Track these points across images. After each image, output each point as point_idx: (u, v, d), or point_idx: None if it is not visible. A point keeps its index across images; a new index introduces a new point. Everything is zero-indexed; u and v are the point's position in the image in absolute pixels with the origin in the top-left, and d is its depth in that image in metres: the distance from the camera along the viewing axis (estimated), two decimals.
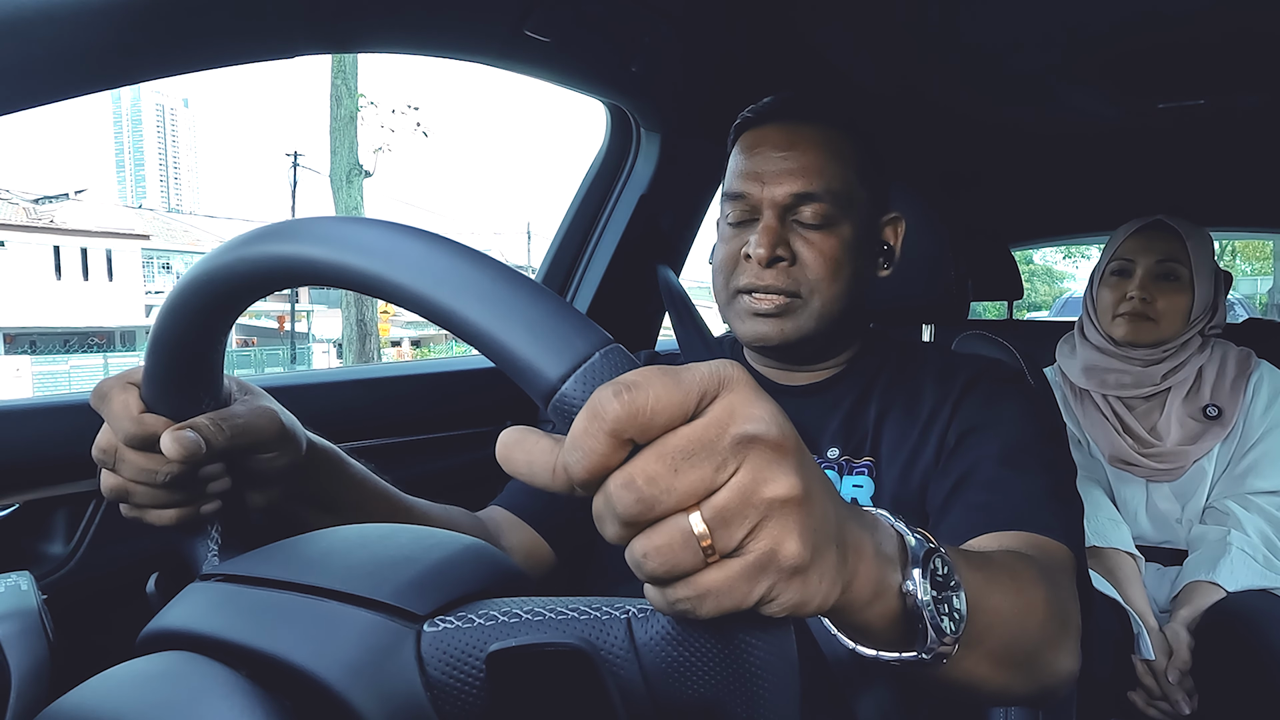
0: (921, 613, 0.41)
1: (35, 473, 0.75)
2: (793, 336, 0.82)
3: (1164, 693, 1.27)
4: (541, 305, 0.32)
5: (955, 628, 0.43)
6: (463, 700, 0.35)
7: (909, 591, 0.40)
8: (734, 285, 0.84)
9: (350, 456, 0.65)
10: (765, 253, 0.80)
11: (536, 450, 0.31)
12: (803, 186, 0.81)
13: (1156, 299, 1.45)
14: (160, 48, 0.61)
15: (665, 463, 0.28)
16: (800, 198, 0.81)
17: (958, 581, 0.44)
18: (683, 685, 0.33)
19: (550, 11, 0.91)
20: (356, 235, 0.36)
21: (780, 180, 0.81)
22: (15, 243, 21.36)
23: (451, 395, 1.17)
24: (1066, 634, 0.57)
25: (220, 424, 0.50)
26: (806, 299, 0.82)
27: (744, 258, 0.82)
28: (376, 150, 11.28)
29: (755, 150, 0.84)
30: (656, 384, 0.29)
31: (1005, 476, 0.73)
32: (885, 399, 0.85)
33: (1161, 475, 1.46)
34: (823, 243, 0.81)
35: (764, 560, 0.29)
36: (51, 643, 0.43)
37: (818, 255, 0.81)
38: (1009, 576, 0.53)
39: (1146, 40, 1.21)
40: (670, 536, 0.29)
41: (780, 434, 0.30)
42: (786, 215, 0.82)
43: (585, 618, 0.35)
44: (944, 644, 0.42)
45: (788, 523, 0.30)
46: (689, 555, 0.29)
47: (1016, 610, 0.51)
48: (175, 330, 0.45)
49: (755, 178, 0.82)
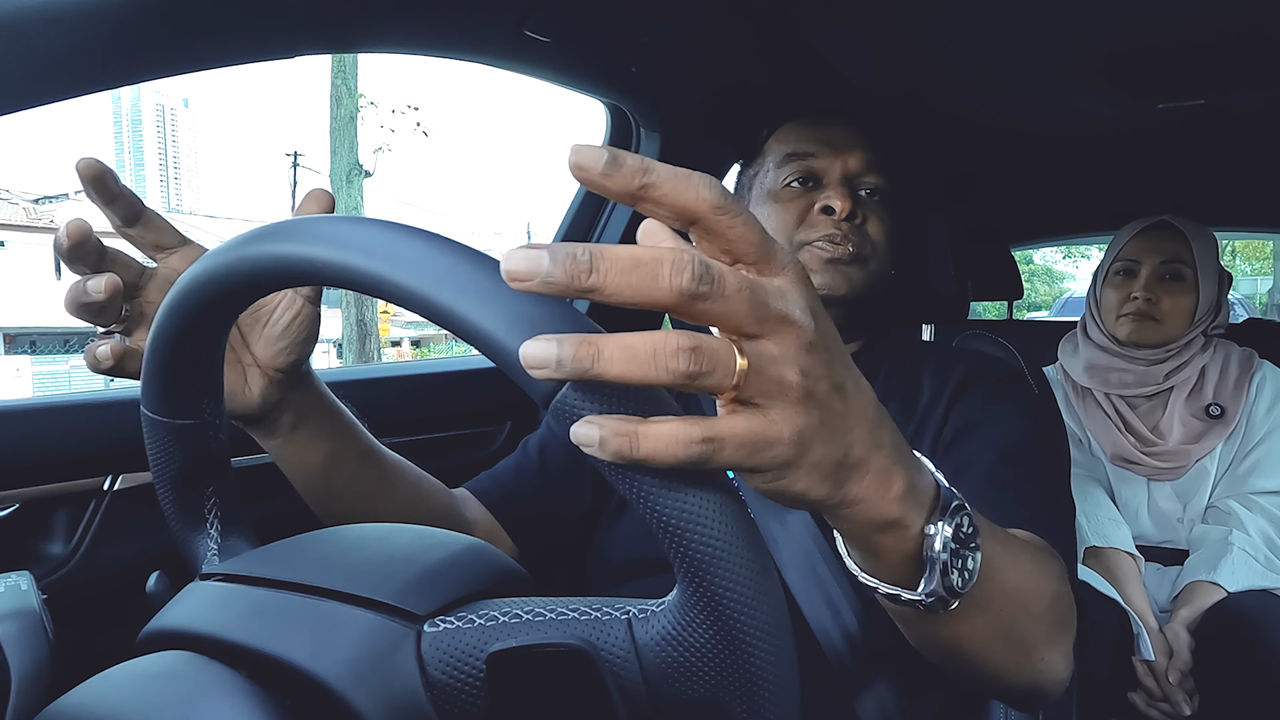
0: (935, 558, 0.41)
1: (35, 473, 0.75)
2: (858, 289, 0.86)
3: (1164, 693, 1.27)
4: (543, 307, 0.32)
5: (962, 584, 0.42)
6: (463, 700, 0.35)
7: (929, 534, 0.40)
8: (800, 239, 0.87)
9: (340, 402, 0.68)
10: (848, 205, 0.85)
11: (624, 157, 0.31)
12: (873, 156, 0.88)
13: (1161, 299, 1.45)
14: (160, 48, 0.61)
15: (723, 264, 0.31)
16: (870, 165, 0.88)
17: (978, 545, 0.43)
18: (683, 685, 0.33)
19: (550, 11, 0.90)
20: (356, 235, 0.36)
21: (852, 149, 0.88)
22: (15, 243, 21.35)
23: (451, 395, 1.17)
24: (1065, 636, 0.57)
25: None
26: (868, 259, 0.87)
27: (819, 211, 0.86)
28: (376, 150, 11.28)
29: (821, 123, 0.91)
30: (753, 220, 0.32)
31: (1005, 477, 0.73)
32: (884, 391, 0.85)
33: (1163, 474, 1.46)
34: (883, 214, 0.88)
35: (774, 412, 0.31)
36: (51, 643, 0.43)
37: (879, 223, 0.88)
38: (1028, 556, 0.53)
39: (1146, 40, 1.21)
40: (718, 344, 0.30)
41: (820, 335, 0.33)
42: (854, 183, 0.88)
43: (586, 618, 0.35)
44: (945, 593, 0.42)
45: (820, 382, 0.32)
46: (724, 368, 0.30)
47: (1025, 593, 0.51)
48: (175, 330, 0.45)
49: (826, 143, 0.89)
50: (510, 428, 1.21)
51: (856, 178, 0.88)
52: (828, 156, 0.88)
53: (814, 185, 0.89)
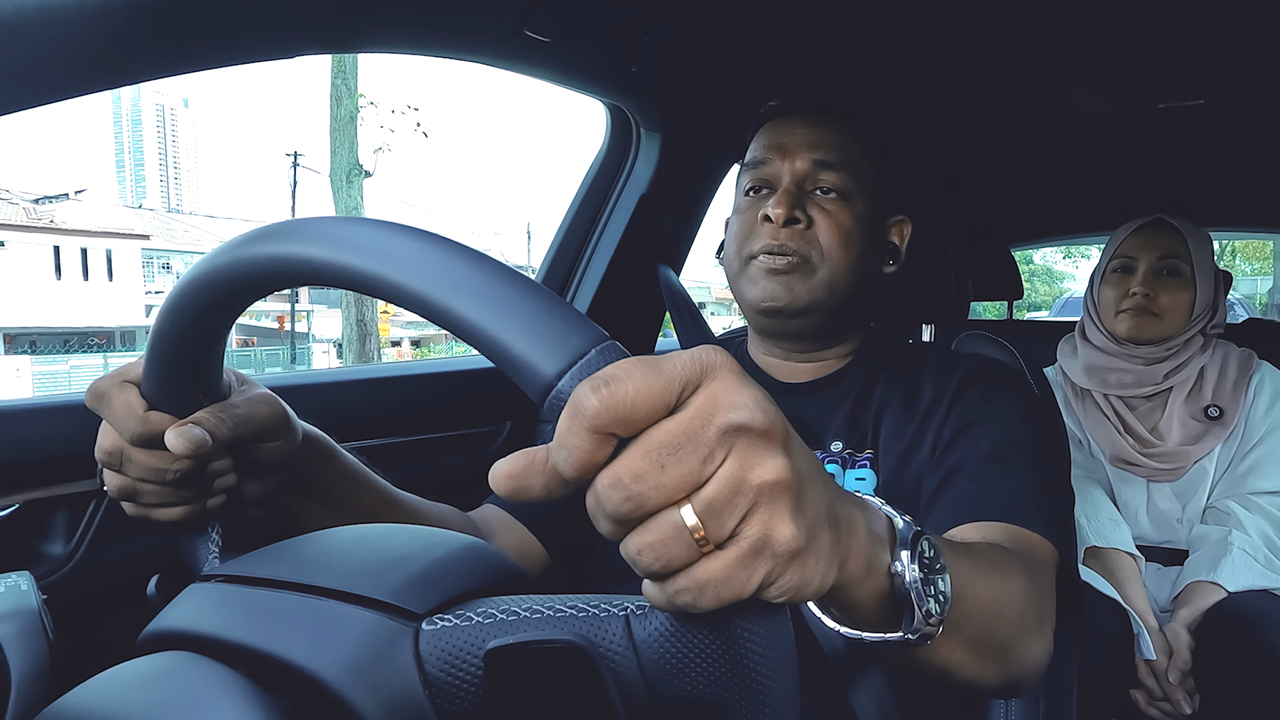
0: (909, 592, 0.41)
1: (35, 473, 0.75)
2: (802, 299, 0.83)
3: (1165, 693, 1.27)
4: (537, 303, 0.32)
5: (940, 609, 0.43)
6: (461, 698, 0.35)
7: (897, 572, 0.41)
8: (747, 250, 0.86)
9: (346, 451, 0.65)
10: (784, 211, 0.83)
11: (521, 463, 0.31)
12: (822, 155, 0.85)
13: (1160, 295, 1.45)
14: (160, 48, 0.61)
15: (651, 459, 0.28)
16: (820, 165, 0.85)
17: (943, 565, 0.44)
18: (681, 682, 0.33)
19: (550, 11, 0.90)
20: (355, 235, 0.36)
21: (801, 151, 0.86)
22: (15, 243, 21.35)
23: (451, 395, 1.17)
24: (1041, 628, 0.58)
25: (222, 416, 0.50)
26: (817, 265, 0.84)
27: (762, 220, 0.84)
28: (376, 150, 11.27)
29: (782, 126, 0.88)
30: (636, 376, 0.28)
31: (993, 470, 0.73)
32: (885, 393, 0.85)
33: (1162, 475, 1.46)
34: (838, 212, 0.85)
35: (759, 545, 0.29)
36: (51, 643, 0.43)
37: (831, 222, 0.84)
38: (991, 567, 0.54)
39: (1146, 40, 1.21)
40: (663, 532, 0.29)
41: (766, 420, 0.30)
42: (804, 185, 0.85)
43: (584, 615, 0.35)
44: (929, 625, 0.42)
45: (779, 507, 0.30)
46: (683, 548, 0.29)
47: (996, 600, 0.52)
48: (176, 330, 0.45)
49: (777, 148, 0.87)
50: (510, 428, 1.21)
51: (807, 178, 0.85)
52: (776, 161, 0.86)
53: (767, 192, 0.87)
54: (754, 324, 0.92)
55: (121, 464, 0.49)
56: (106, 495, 0.77)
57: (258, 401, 0.54)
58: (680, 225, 1.41)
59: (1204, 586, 1.32)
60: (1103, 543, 1.39)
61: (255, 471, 0.57)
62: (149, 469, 0.49)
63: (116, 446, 0.49)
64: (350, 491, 0.64)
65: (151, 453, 0.49)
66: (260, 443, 0.55)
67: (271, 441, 0.55)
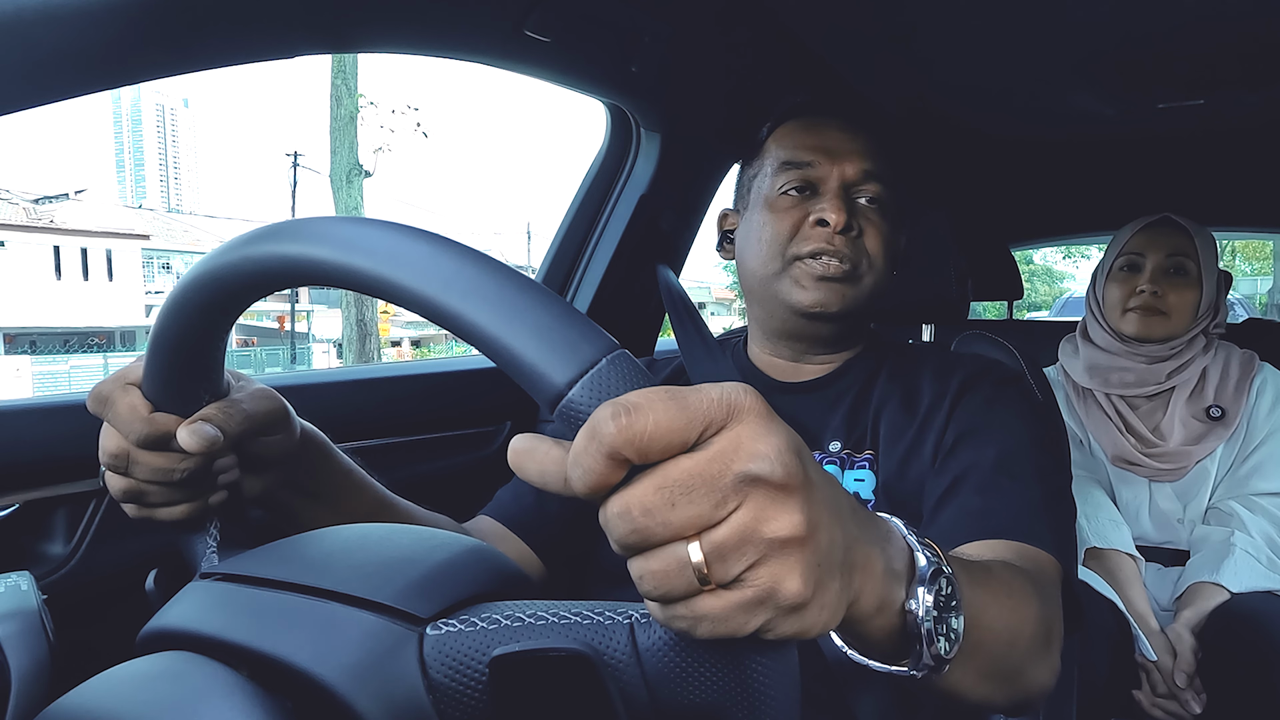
0: (920, 632, 0.40)
1: (35, 473, 0.75)
2: (850, 306, 0.84)
3: (1173, 693, 1.27)
4: (548, 310, 0.32)
5: (949, 649, 0.42)
6: (465, 704, 0.35)
7: (911, 610, 0.40)
8: (793, 252, 0.84)
9: (345, 454, 0.65)
10: (843, 218, 0.82)
11: (549, 460, 0.31)
12: (869, 165, 0.85)
13: (1167, 293, 1.45)
14: (160, 48, 0.61)
15: (663, 495, 0.28)
16: (867, 174, 0.85)
17: (959, 602, 0.43)
18: (685, 691, 0.33)
19: (550, 11, 0.90)
20: (361, 236, 0.36)
21: (851, 158, 0.85)
22: (15, 243, 21.34)
23: (451, 395, 1.17)
24: (1050, 649, 0.57)
25: (229, 411, 0.50)
26: (864, 274, 0.84)
27: (814, 224, 0.83)
28: (376, 150, 11.27)
29: (819, 128, 0.88)
30: (659, 408, 0.28)
31: (1000, 483, 0.73)
32: (884, 393, 0.85)
33: (1164, 475, 1.46)
34: (881, 223, 0.85)
35: (763, 596, 0.29)
36: (51, 643, 0.43)
37: (876, 233, 0.85)
38: (1006, 593, 0.53)
39: (1146, 41, 1.21)
40: (666, 564, 0.29)
41: (785, 473, 0.29)
42: (850, 192, 0.85)
43: (588, 622, 0.35)
44: (934, 663, 0.42)
45: (789, 562, 0.29)
46: (684, 582, 0.29)
47: (1009, 627, 0.51)
48: (177, 329, 0.45)
49: (824, 151, 0.86)
50: (510, 428, 1.21)
51: (854, 187, 0.85)
52: (825, 165, 0.85)
53: (810, 194, 0.85)
54: (785, 325, 0.88)
55: (128, 466, 0.49)
56: (107, 495, 0.77)
57: (259, 396, 0.54)
58: (680, 225, 1.41)
59: (1207, 587, 1.31)
60: (1103, 543, 1.39)
61: (256, 467, 0.57)
62: (156, 470, 0.49)
63: (122, 449, 0.49)
64: (346, 492, 0.64)
65: (159, 454, 0.49)
66: (262, 437, 0.55)
67: (273, 435, 0.56)
